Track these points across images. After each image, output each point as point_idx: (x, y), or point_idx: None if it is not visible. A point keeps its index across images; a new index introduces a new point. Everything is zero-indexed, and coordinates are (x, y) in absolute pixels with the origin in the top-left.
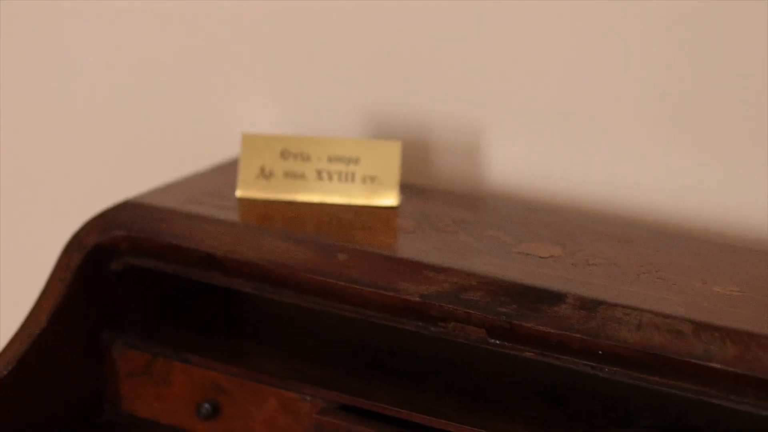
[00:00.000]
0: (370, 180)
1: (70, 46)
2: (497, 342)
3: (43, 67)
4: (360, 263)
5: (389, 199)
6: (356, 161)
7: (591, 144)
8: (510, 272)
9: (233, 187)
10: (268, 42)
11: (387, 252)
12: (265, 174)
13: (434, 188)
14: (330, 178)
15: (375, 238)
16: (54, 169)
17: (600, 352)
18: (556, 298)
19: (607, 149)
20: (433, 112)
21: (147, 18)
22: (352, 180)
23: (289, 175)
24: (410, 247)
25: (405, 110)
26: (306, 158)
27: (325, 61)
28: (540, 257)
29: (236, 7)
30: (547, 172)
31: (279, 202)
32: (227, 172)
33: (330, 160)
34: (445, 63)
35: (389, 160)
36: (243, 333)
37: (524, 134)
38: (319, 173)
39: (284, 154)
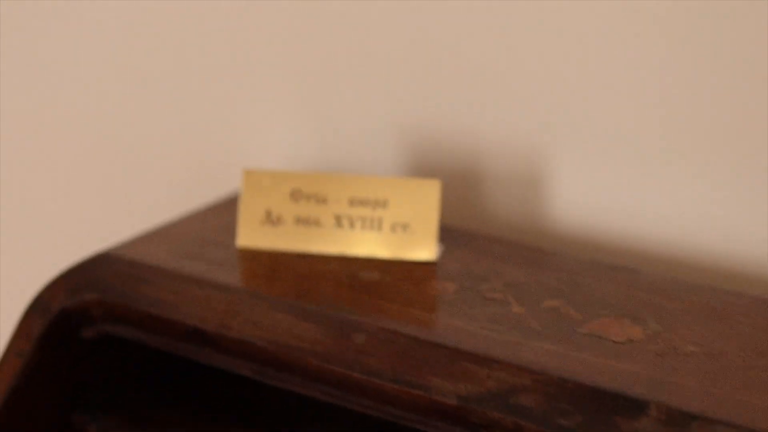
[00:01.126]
0: (402, 228)
1: (44, 54)
2: None
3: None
4: (381, 348)
5: (425, 252)
6: (384, 204)
7: (688, 178)
8: (574, 366)
9: (234, 233)
10: (287, 51)
11: (417, 332)
12: (271, 219)
13: (482, 233)
14: (351, 225)
15: (403, 310)
16: (15, 206)
17: None
18: (634, 407)
19: (708, 186)
20: (483, 136)
21: (135, 22)
22: (379, 228)
23: (301, 221)
24: (447, 326)
25: (449, 134)
26: (322, 200)
27: (354, 73)
28: (614, 341)
29: (247, 6)
30: (625, 213)
31: (288, 254)
32: (230, 210)
33: (352, 203)
34: (501, 75)
35: (426, 203)
36: (244, 419)
37: (599, 163)
38: (338, 219)
39: (295, 195)
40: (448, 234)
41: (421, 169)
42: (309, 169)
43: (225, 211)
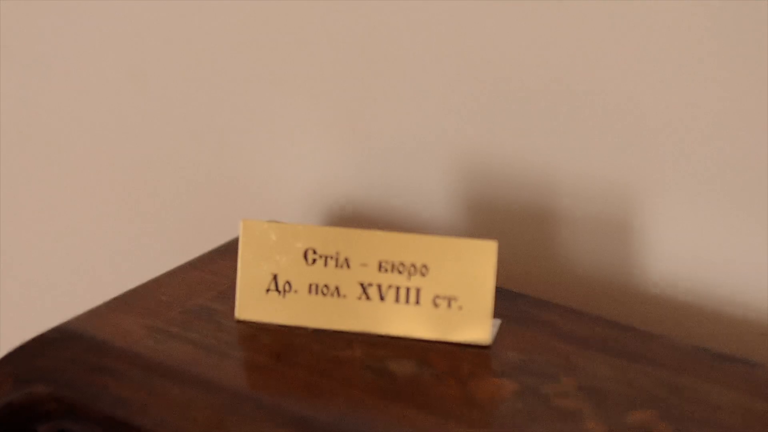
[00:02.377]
0: (446, 302)
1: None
2: None
3: None
4: None
5: (477, 333)
6: (424, 271)
7: None
8: None
9: (234, 298)
10: (320, 67)
11: None
12: (279, 287)
13: (550, 299)
14: (382, 297)
15: (442, 428)
16: None
17: None
18: None
19: None
20: (559, 167)
21: (160, 37)
22: (417, 302)
23: (317, 290)
24: None
25: (515, 161)
26: (343, 264)
27: (400, 93)
28: None
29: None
30: (736, 269)
31: (299, 332)
32: (231, 262)
33: (382, 268)
34: (587, 96)
35: (479, 270)
36: None
37: (703, 207)
38: (363, 289)
39: (309, 256)
40: (504, 300)
41: (476, 203)
42: (341, 196)
43: (223, 264)
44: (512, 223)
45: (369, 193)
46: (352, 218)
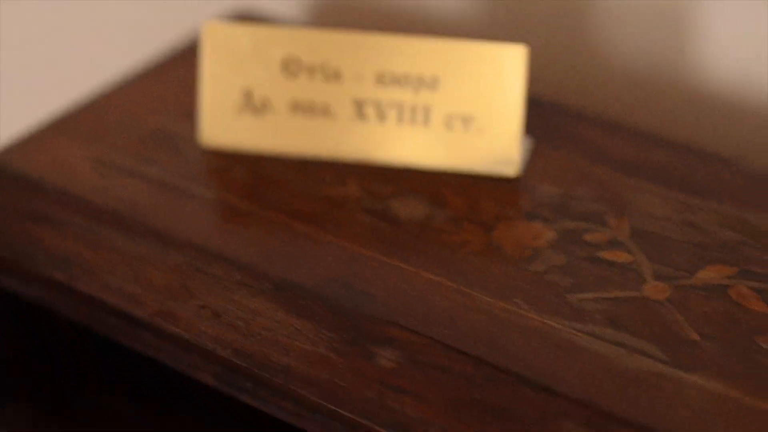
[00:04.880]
0: (462, 123)
1: None
2: None
3: None
4: (424, 382)
5: (502, 163)
6: (434, 84)
7: None
8: None
9: (195, 119)
10: None
11: (485, 351)
12: (254, 104)
13: (590, 110)
14: (382, 116)
15: (462, 296)
16: None
17: None
18: None
19: None
20: None
21: None
22: (426, 122)
23: (301, 108)
24: (537, 335)
25: None
26: (333, 76)
27: None
28: None
29: None
30: None
31: (279, 162)
32: (197, 71)
33: (381, 80)
34: None
35: (503, 81)
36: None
37: None
38: (359, 106)
39: (291, 67)
40: (533, 114)
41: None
42: None
43: (185, 71)
44: (542, 18)
45: None
46: (345, 18)
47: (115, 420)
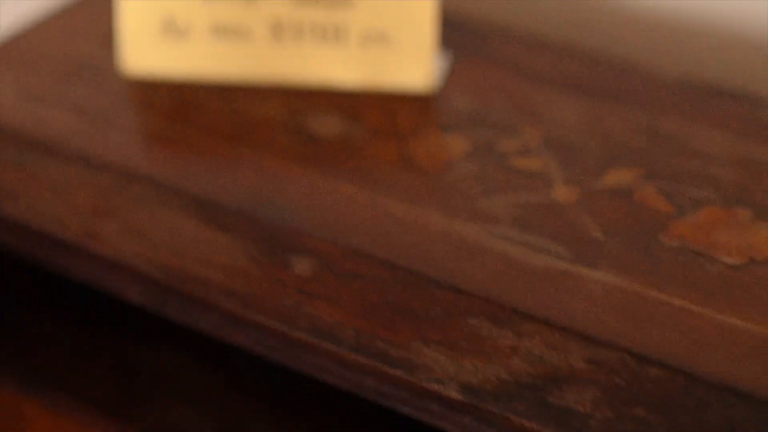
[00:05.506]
0: (378, 40)
1: None
2: None
3: None
4: (338, 287)
5: (416, 78)
6: (349, 2)
7: None
8: (659, 330)
9: (113, 48)
10: None
11: (397, 256)
12: (174, 29)
13: (507, 23)
14: (299, 36)
15: (376, 203)
16: None
17: None
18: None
19: None
20: None
21: None
22: (342, 41)
23: (221, 30)
24: (448, 239)
25: None
26: None
27: None
28: (726, 264)
29: None
30: None
31: (201, 87)
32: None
33: (297, 0)
34: None
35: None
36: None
37: None
38: (275, 27)
39: None
40: (454, 31)
41: None
42: None
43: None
44: None
45: None
46: None
47: (45, 342)
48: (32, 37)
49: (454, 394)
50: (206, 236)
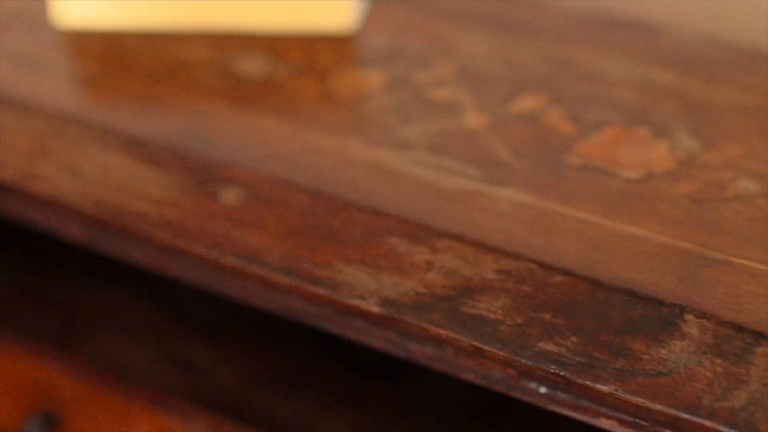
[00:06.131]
0: None
1: None
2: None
3: None
4: (264, 214)
5: (337, 18)
6: None
7: None
8: (564, 242)
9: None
10: None
11: (320, 181)
12: None
13: None
14: None
15: (298, 135)
16: None
17: None
18: (664, 319)
19: None
20: None
21: None
22: None
23: None
24: (367, 165)
25: None
26: None
27: None
28: (625, 178)
29: None
30: None
31: (131, 35)
32: None
33: None
34: None
35: None
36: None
37: None
38: None
39: None
40: None
41: None
42: None
43: None
44: None
45: None
46: None
47: None
48: None
49: (375, 308)
50: (139, 172)
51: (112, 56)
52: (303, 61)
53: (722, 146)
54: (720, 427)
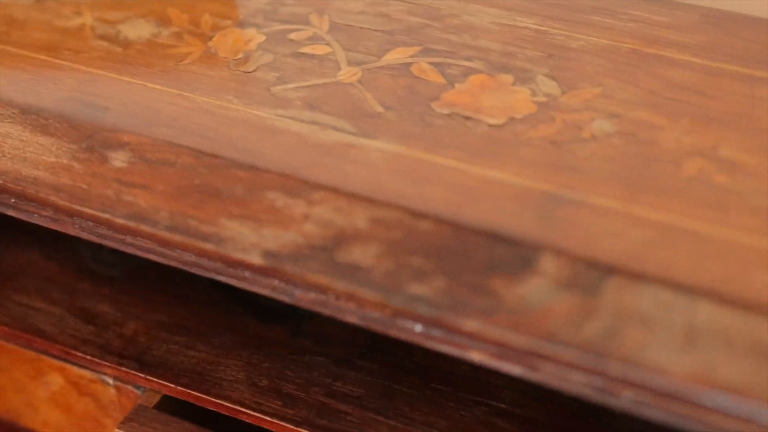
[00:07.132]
0: None
1: None
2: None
3: None
4: (151, 175)
5: None
6: None
7: None
8: (431, 189)
9: None
10: None
11: (200, 142)
12: None
13: None
14: None
15: (179, 102)
16: None
17: None
18: (520, 261)
19: None
20: None
21: None
22: None
23: None
24: (245, 124)
25: None
26: None
27: None
28: (488, 124)
29: None
30: None
31: (13, 4)
32: None
33: None
34: None
35: None
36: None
37: None
38: None
39: None
40: None
41: None
42: None
43: None
44: None
45: None
46: None
47: None
48: None
49: (257, 260)
50: (30, 139)
51: (0, 26)
52: (186, 23)
53: (580, 88)
54: (575, 354)
